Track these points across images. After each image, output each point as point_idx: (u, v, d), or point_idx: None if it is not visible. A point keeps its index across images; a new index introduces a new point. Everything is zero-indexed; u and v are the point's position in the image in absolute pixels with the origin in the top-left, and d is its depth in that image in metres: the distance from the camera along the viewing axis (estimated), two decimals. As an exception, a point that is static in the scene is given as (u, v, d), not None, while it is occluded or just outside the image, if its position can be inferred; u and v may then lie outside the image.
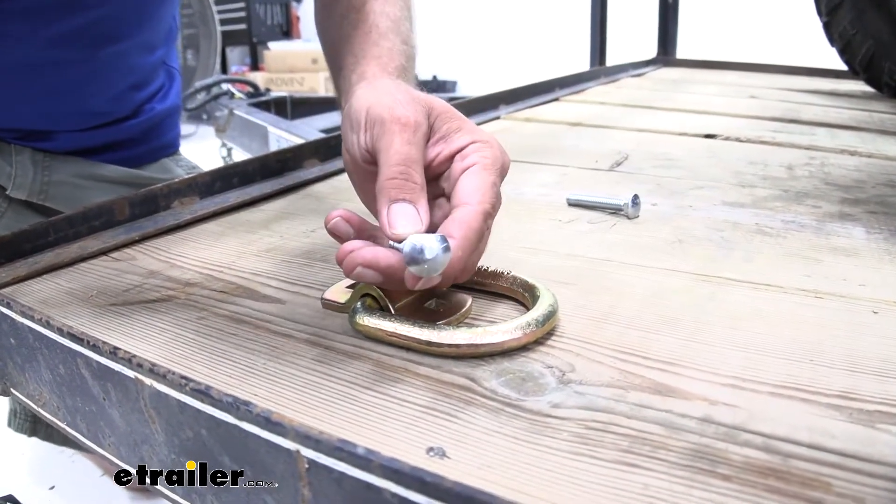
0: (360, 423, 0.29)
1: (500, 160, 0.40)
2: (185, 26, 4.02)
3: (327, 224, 0.39)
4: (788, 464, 0.26)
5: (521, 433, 0.28)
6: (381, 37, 0.52)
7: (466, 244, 0.35)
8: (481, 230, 0.37)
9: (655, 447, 0.27)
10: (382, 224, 0.36)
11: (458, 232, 0.35)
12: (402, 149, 0.38)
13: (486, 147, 0.40)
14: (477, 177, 0.38)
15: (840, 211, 0.60)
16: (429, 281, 0.35)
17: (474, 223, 0.36)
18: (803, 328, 0.38)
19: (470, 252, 0.36)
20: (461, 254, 0.35)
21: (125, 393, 0.33)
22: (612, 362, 0.34)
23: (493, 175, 0.39)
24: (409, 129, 0.38)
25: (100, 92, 0.74)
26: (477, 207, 0.37)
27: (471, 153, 0.39)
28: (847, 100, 1.31)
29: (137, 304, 0.42)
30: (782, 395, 0.31)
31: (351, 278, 0.36)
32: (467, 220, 0.36)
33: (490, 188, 0.38)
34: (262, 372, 0.33)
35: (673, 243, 0.52)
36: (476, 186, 0.38)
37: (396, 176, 0.37)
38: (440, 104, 0.42)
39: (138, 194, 0.59)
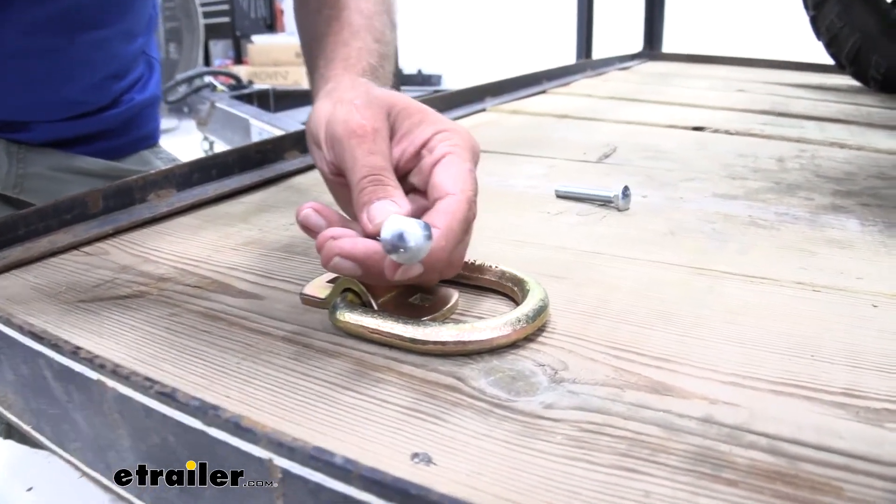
0: (339, 427, 0.27)
1: (469, 145, 0.38)
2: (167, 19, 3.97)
3: (298, 216, 0.37)
4: (796, 467, 0.25)
5: (512, 436, 0.26)
6: (352, 36, 0.50)
7: (451, 234, 0.34)
8: (466, 219, 0.35)
9: (655, 450, 0.25)
10: (363, 224, 0.35)
11: (443, 222, 0.34)
12: (366, 161, 0.36)
13: (453, 135, 0.38)
14: (452, 166, 0.37)
15: (833, 203, 0.59)
16: (409, 270, 0.33)
17: (459, 212, 0.34)
18: (802, 322, 0.36)
19: (455, 242, 0.34)
20: (445, 244, 0.33)
21: (88, 396, 0.31)
22: (606, 359, 0.32)
23: (467, 162, 0.37)
24: (368, 138, 0.37)
25: (78, 81, 0.71)
26: (460, 196, 0.35)
27: (438, 144, 0.38)
28: (834, 93, 1.31)
29: (107, 301, 0.40)
30: (784, 393, 0.29)
31: (328, 269, 0.34)
32: (451, 209, 0.34)
33: (468, 175, 0.36)
34: (235, 372, 0.31)
35: (665, 235, 0.50)
36: (453, 175, 0.36)
37: (366, 186, 0.36)
38: (401, 100, 0.40)
39: (112, 186, 0.56)
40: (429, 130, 0.38)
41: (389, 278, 0.33)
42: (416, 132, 0.39)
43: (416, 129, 0.39)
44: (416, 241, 0.31)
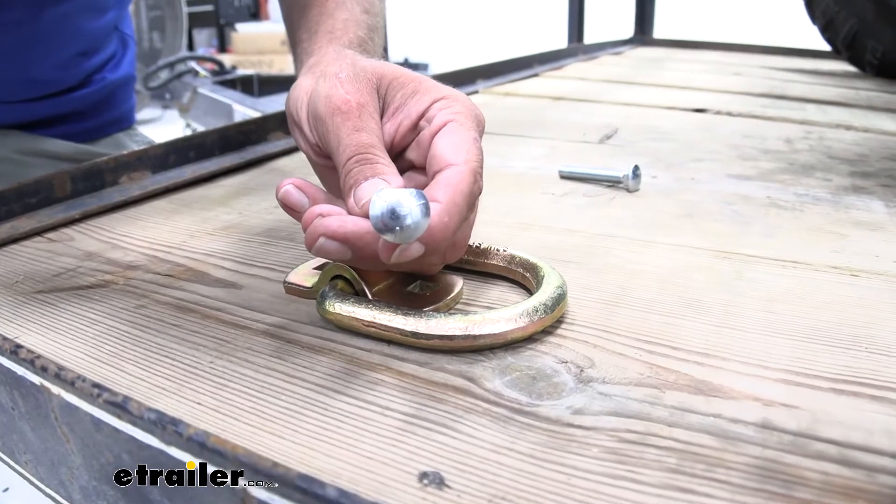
0: (330, 440, 0.23)
1: (472, 113, 0.34)
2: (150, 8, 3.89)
3: (277, 194, 0.32)
4: (876, 481, 0.21)
5: (538, 450, 0.22)
6: (337, 6, 0.45)
7: (454, 209, 0.29)
8: (471, 192, 0.30)
9: (711, 465, 0.21)
10: (351, 207, 0.30)
11: (445, 195, 0.29)
12: (352, 139, 0.32)
13: (453, 102, 0.34)
14: (454, 134, 0.32)
15: (853, 184, 0.55)
16: (407, 251, 0.28)
17: (463, 184, 0.30)
18: (847, 311, 0.33)
19: (459, 218, 0.29)
20: (448, 219, 0.28)
21: (35, 403, 0.26)
22: (637, 354, 0.28)
23: (471, 130, 0.33)
24: (353, 114, 0.33)
25: (44, 58, 0.66)
26: (463, 167, 0.30)
27: (437, 113, 0.33)
28: (831, 78, 1.28)
29: (67, 291, 0.36)
30: (845, 392, 0.26)
31: (313, 253, 0.29)
32: (454, 181, 0.30)
33: (472, 144, 0.32)
34: (207, 373, 0.27)
35: (681, 217, 0.46)
36: (455, 144, 0.32)
37: (353, 166, 0.31)
38: (391, 70, 0.35)
39: (81, 168, 0.52)
40: (425, 100, 0.34)
41: (384, 262, 0.28)
42: (410, 103, 0.34)
43: (410, 100, 0.34)
44: (412, 217, 0.26)
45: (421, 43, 4.59)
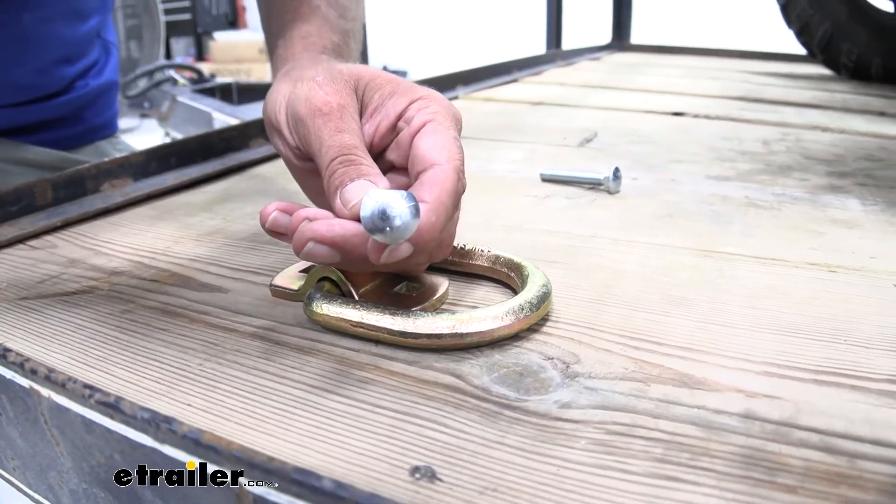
0: (322, 438, 0.23)
1: (450, 111, 0.34)
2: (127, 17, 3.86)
3: (264, 223, 0.32)
4: (857, 466, 0.21)
5: (527, 443, 0.22)
6: (311, 11, 0.46)
7: (441, 208, 0.29)
8: (456, 190, 0.31)
9: (696, 454, 0.22)
10: (338, 209, 0.30)
11: (431, 195, 0.29)
12: (334, 141, 0.32)
13: (431, 102, 0.34)
14: (434, 134, 0.33)
15: (829, 184, 0.56)
16: (397, 251, 0.28)
17: (448, 183, 0.30)
18: (827, 305, 0.33)
19: (446, 217, 0.30)
20: (436, 219, 0.29)
21: (23, 407, 0.26)
22: (622, 350, 0.29)
23: (450, 129, 0.33)
24: (334, 115, 0.33)
25: (24, 63, 0.66)
26: (446, 165, 0.31)
27: (416, 113, 0.34)
28: (806, 81, 1.29)
29: (52, 298, 0.36)
30: (827, 383, 0.26)
31: (301, 257, 0.30)
32: (439, 180, 0.30)
33: (453, 143, 0.32)
34: (196, 375, 0.27)
35: (663, 218, 0.47)
36: (437, 144, 0.32)
37: (337, 168, 0.31)
38: (368, 72, 0.36)
39: (62, 175, 0.52)
40: (403, 101, 0.34)
41: (374, 262, 0.28)
42: (388, 104, 0.35)
43: (388, 101, 0.35)
44: (401, 218, 0.26)
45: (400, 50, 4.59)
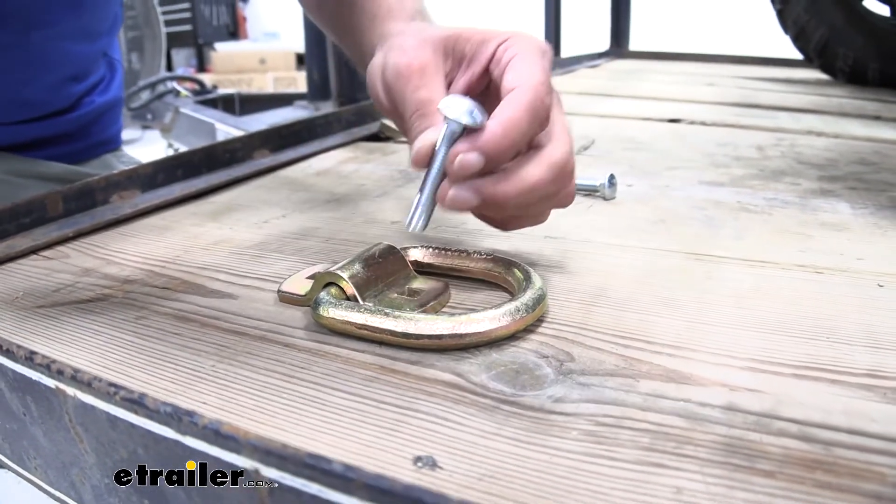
0: (331, 432, 0.24)
1: (535, 45, 0.36)
2: (128, 28, 3.88)
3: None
4: (832, 453, 0.23)
5: (522, 434, 0.24)
6: None
7: (509, 122, 0.32)
8: (532, 106, 0.32)
9: (681, 442, 0.23)
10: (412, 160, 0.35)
11: (501, 111, 0.32)
12: (413, 98, 0.36)
13: (516, 40, 0.36)
14: (518, 64, 0.35)
15: (820, 188, 0.58)
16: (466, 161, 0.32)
17: (521, 98, 0.32)
18: (811, 305, 0.35)
19: (516, 130, 0.32)
20: (501, 130, 0.31)
21: (47, 407, 0.27)
22: (614, 348, 0.30)
23: (535, 58, 0.35)
24: (415, 76, 0.36)
25: (34, 81, 0.68)
26: (524, 86, 0.33)
27: (503, 54, 0.36)
28: (803, 86, 1.31)
29: (68, 305, 0.37)
30: (807, 377, 0.28)
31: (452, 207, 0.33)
32: (513, 98, 0.32)
33: (534, 68, 0.34)
34: (210, 376, 0.28)
35: (656, 223, 0.48)
36: (519, 71, 0.34)
37: (414, 122, 0.35)
38: (457, 30, 0.39)
39: (73, 188, 0.53)
40: (491, 46, 0.37)
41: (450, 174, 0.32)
42: (479, 52, 0.37)
43: (478, 49, 0.37)
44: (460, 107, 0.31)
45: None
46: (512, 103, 0.32)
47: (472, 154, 0.32)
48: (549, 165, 0.34)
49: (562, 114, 0.37)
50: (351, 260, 0.35)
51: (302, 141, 0.75)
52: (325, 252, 0.44)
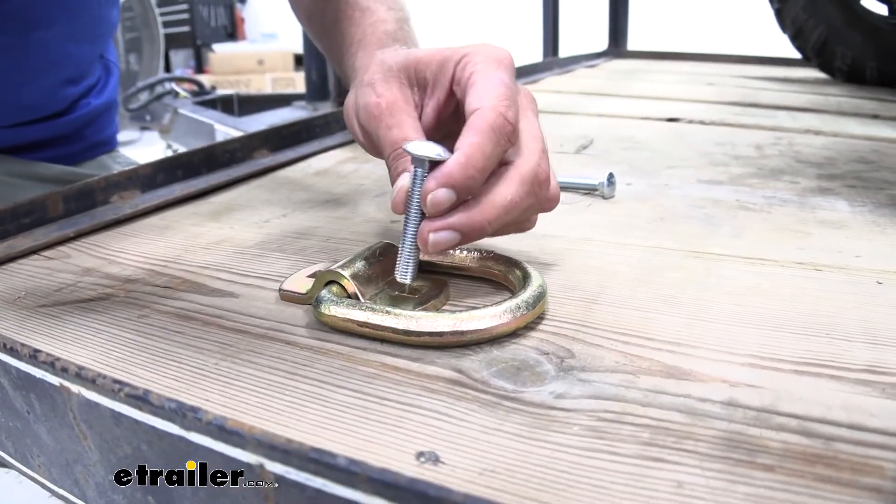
0: (334, 428, 0.24)
1: (493, 57, 0.35)
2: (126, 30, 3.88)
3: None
4: (832, 448, 0.23)
5: (524, 430, 0.24)
6: (362, 14, 0.48)
7: (470, 148, 0.31)
8: (493, 128, 0.32)
9: (681, 437, 0.23)
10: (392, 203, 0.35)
11: (463, 139, 0.32)
12: (387, 138, 0.36)
13: (473, 55, 0.36)
14: (475, 85, 0.34)
15: (819, 186, 0.58)
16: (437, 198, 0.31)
17: (481, 124, 0.32)
18: (811, 302, 0.35)
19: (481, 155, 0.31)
20: (465, 159, 0.31)
21: (51, 405, 0.28)
22: (614, 345, 0.30)
23: (494, 72, 0.34)
24: (385, 114, 0.36)
25: (30, 83, 0.68)
26: (483, 108, 0.32)
27: (461, 73, 0.36)
28: (801, 85, 1.31)
29: (70, 305, 0.37)
30: (807, 373, 0.28)
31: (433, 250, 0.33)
32: (472, 123, 0.32)
33: (494, 84, 0.33)
34: (213, 373, 0.29)
35: (655, 221, 0.48)
36: (478, 92, 0.33)
37: (391, 163, 0.35)
38: (416, 55, 0.38)
39: (73, 188, 0.53)
40: (450, 68, 0.36)
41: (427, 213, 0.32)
42: (439, 76, 0.37)
43: (438, 73, 0.37)
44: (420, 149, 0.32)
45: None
46: (472, 129, 0.32)
47: (441, 191, 0.31)
48: (519, 181, 0.34)
49: (532, 118, 0.36)
50: (352, 258, 0.35)
51: (301, 141, 0.75)
52: (326, 251, 0.44)
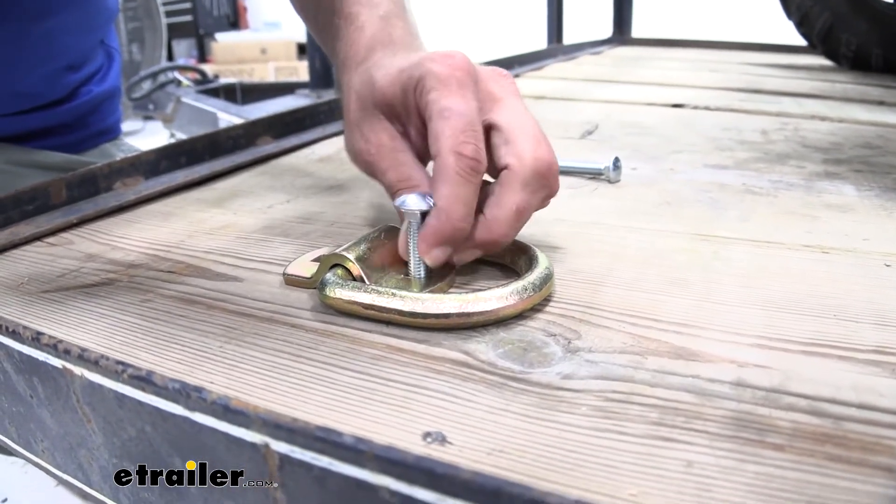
0: (340, 409, 0.24)
1: (444, 74, 0.33)
2: (128, 20, 3.87)
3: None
4: (842, 427, 0.23)
5: (531, 410, 0.24)
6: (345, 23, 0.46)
7: (447, 203, 0.32)
8: (455, 174, 0.31)
9: (690, 417, 0.23)
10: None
11: (437, 188, 0.32)
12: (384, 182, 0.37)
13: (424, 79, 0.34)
14: (433, 111, 0.33)
15: (825, 170, 0.57)
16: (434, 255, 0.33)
17: (443, 174, 0.32)
18: (818, 284, 0.35)
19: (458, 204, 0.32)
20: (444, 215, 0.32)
21: (54, 388, 0.27)
22: (622, 326, 0.30)
23: (446, 98, 0.33)
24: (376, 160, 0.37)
25: (31, 72, 0.67)
26: (441, 153, 0.32)
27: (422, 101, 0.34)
28: (806, 72, 1.30)
29: (73, 290, 0.37)
30: (816, 354, 0.27)
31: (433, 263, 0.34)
32: (435, 174, 0.32)
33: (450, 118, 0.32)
34: (218, 356, 0.28)
35: (661, 205, 0.48)
36: (434, 131, 0.33)
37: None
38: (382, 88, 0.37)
39: (76, 175, 0.53)
40: (410, 96, 0.35)
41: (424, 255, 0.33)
42: (407, 105, 0.36)
43: (405, 102, 0.36)
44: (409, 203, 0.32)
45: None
46: (439, 178, 0.32)
47: (436, 251, 0.32)
48: (521, 185, 0.33)
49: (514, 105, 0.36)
50: (356, 241, 0.35)
51: (304, 128, 0.75)
52: (330, 235, 0.44)
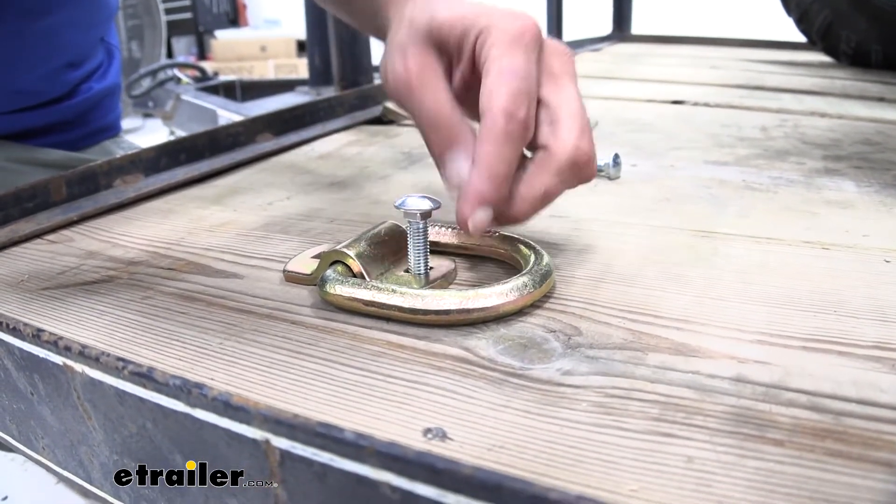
0: (341, 405, 0.24)
1: (511, 31, 0.32)
2: (128, 17, 3.87)
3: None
4: (842, 423, 0.23)
5: (532, 406, 0.24)
6: None
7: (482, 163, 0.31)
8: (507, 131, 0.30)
9: (690, 413, 0.23)
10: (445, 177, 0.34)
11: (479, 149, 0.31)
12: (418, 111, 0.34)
13: (490, 29, 0.33)
14: (492, 67, 0.32)
15: (825, 167, 0.57)
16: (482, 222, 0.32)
17: (488, 134, 0.31)
18: (818, 279, 0.35)
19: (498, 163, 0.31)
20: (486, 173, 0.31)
21: (55, 385, 0.27)
22: (621, 322, 0.30)
23: (509, 56, 0.31)
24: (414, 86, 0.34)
25: (31, 69, 0.67)
26: (488, 114, 0.31)
27: (480, 49, 0.33)
28: (806, 68, 1.30)
29: (73, 287, 0.37)
30: (816, 350, 0.27)
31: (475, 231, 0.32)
32: (481, 136, 0.31)
33: (502, 77, 0.31)
34: (218, 353, 0.28)
35: (661, 201, 0.48)
36: (486, 89, 0.31)
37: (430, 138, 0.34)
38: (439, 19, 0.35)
39: (76, 172, 0.53)
40: (470, 40, 0.34)
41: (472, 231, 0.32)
42: (462, 47, 0.34)
43: (460, 43, 0.34)
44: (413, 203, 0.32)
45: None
46: (485, 136, 0.31)
47: (479, 214, 0.31)
48: (555, 170, 0.32)
49: (568, 86, 0.34)
50: (356, 238, 0.35)
51: (304, 125, 0.75)
52: (330, 232, 0.44)
